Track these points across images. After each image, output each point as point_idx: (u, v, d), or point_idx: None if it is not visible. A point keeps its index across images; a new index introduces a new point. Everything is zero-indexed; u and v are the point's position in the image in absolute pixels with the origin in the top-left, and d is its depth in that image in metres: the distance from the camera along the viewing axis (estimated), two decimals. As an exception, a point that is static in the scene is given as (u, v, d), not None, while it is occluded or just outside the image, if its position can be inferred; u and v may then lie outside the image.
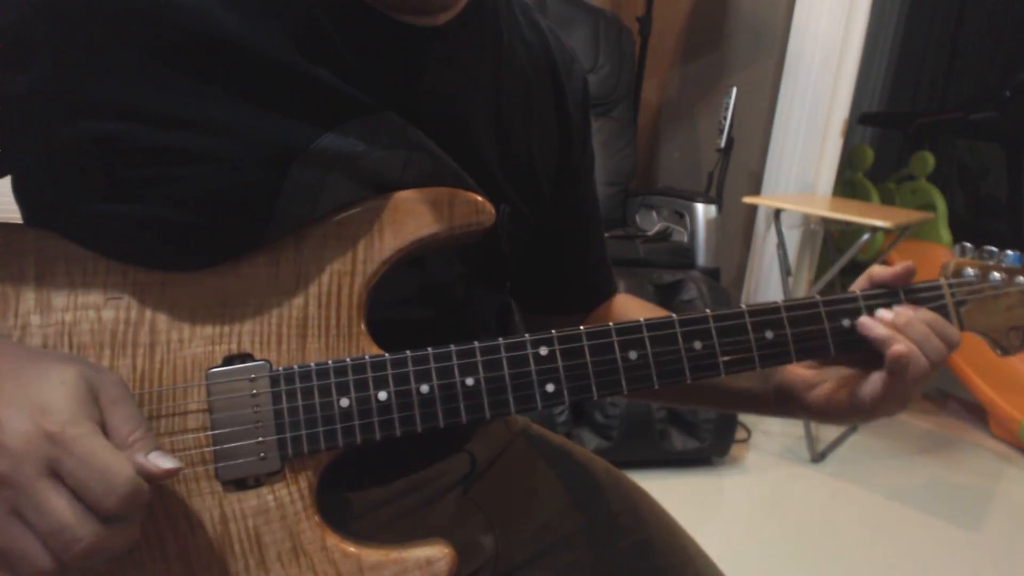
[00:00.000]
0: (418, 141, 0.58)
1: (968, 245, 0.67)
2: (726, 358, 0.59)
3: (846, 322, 0.62)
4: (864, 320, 0.61)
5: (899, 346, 0.58)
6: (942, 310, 0.64)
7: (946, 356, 0.61)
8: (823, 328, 0.61)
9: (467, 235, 0.58)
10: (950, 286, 0.64)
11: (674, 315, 0.59)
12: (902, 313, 0.61)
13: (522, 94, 0.69)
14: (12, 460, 0.42)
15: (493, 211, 0.59)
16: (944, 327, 0.61)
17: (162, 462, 0.45)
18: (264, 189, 0.54)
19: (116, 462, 0.43)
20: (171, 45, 0.50)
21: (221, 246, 0.55)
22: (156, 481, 0.46)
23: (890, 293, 0.63)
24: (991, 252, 0.65)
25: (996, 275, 0.65)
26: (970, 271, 0.65)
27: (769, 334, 0.60)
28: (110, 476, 0.42)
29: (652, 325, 0.58)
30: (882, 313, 0.61)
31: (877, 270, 0.64)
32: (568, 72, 0.74)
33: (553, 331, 0.57)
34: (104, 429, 0.45)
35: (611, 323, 0.58)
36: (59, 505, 0.42)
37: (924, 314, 0.62)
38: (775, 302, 0.61)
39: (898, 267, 0.63)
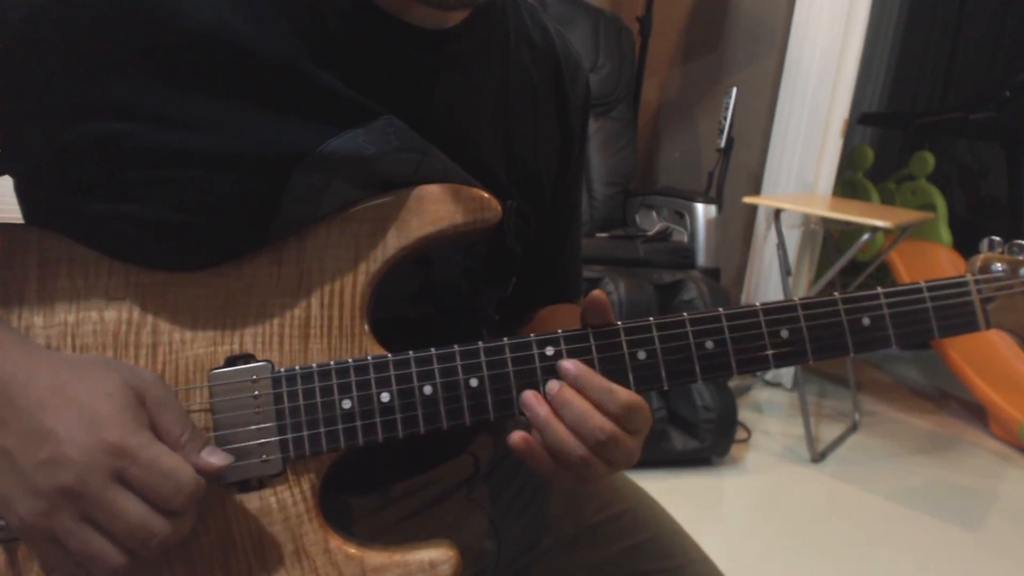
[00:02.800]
0: (427, 146, 0.58)
1: (996, 239, 0.63)
2: (739, 357, 0.57)
3: (866, 320, 0.59)
4: (527, 397, 0.55)
5: (516, 437, 0.54)
6: (968, 307, 0.60)
7: (611, 436, 0.53)
8: (841, 327, 0.58)
9: (473, 232, 0.58)
10: (976, 282, 0.61)
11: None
12: (562, 392, 0.54)
13: (528, 97, 0.69)
14: (79, 472, 0.44)
15: (499, 207, 0.58)
16: (609, 401, 0.54)
17: (214, 459, 0.49)
18: (267, 192, 0.53)
19: (179, 465, 0.46)
20: (177, 46, 0.50)
21: (223, 247, 0.54)
22: (211, 476, 0.49)
23: (913, 289, 0.60)
24: (1021, 246, 0.62)
25: None
26: (998, 266, 0.61)
27: (784, 333, 0.58)
28: (175, 478, 0.46)
29: (662, 324, 0.57)
30: (551, 385, 0.55)
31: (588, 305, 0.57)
32: (573, 77, 0.74)
33: (560, 331, 0.56)
34: (154, 430, 0.48)
35: (619, 323, 0.57)
36: (131, 507, 0.45)
37: (594, 388, 0.54)
38: (791, 299, 0.58)
39: (585, 305, 0.56)
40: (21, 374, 0.46)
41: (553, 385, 0.55)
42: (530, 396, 0.55)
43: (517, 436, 0.54)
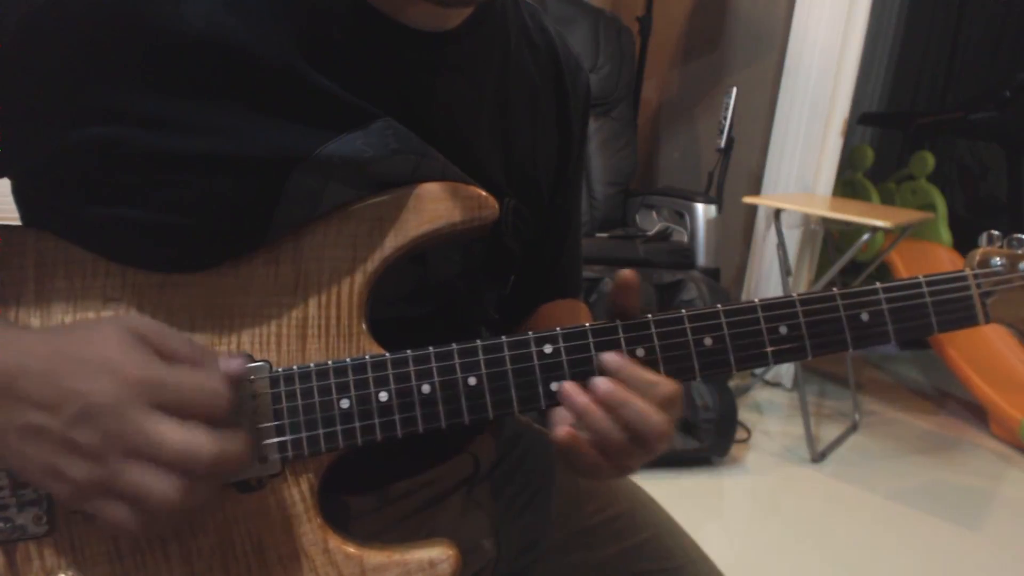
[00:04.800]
0: (425, 147, 0.58)
1: (995, 233, 0.62)
2: (737, 354, 0.57)
3: (864, 316, 0.58)
4: (565, 387, 0.55)
5: (562, 431, 0.54)
6: (967, 302, 0.60)
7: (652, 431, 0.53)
8: (840, 322, 0.58)
9: (471, 230, 0.58)
10: (975, 276, 0.60)
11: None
12: (616, 392, 0.54)
13: (528, 98, 0.69)
14: (114, 414, 0.44)
15: (496, 206, 0.58)
16: (653, 394, 0.54)
17: (233, 364, 0.49)
18: (264, 195, 0.53)
19: (205, 376, 0.46)
20: (174, 50, 0.50)
21: (220, 248, 0.54)
22: (237, 381, 0.49)
23: (912, 284, 0.60)
24: (1020, 240, 0.61)
25: None
26: (997, 260, 0.61)
27: (783, 329, 0.57)
28: (208, 387, 0.46)
29: (660, 321, 0.57)
30: (600, 383, 0.54)
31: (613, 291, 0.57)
32: (573, 79, 0.74)
33: (558, 328, 0.56)
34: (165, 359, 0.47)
35: (617, 320, 0.57)
36: (174, 430, 0.44)
37: (638, 380, 0.54)
38: (789, 295, 0.58)
39: (616, 287, 0.57)
40: (17, 355, 0.46)
41: (603, 383, 0.54)
42: (568, 386, 0.55)
43: (562, 430, 0.54)
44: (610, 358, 0.55)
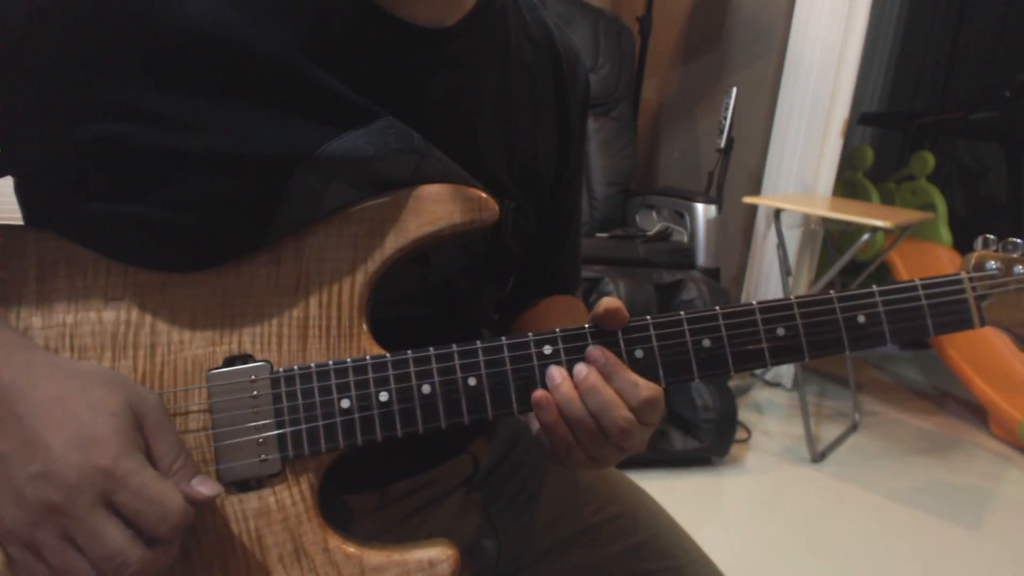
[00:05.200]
0: (426, 147, 0.58)
1: (991, 237, 0.63)
2: (735, 355, 0.58)
3: (861, 318, 0.59)
4: (551, 369, 0.56)
5: (537, 391, 0.55)
6: (962, 304, 0.61)
7: (625, 425, 0.55)
8: (837, 324, 0.59)
9: (471, 231, 0.58)
10: (971, 280, 0.61)
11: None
12: (589, 378, 0.55)
13: (529, 94, 0.69)
14: (67, 492, 0.44)
15: (496, 207, 0.59)
16: (632, 396, 0.55)
17: (204, 488, 0.49)
18: (267, 193, 0.53)
19: (167, 492, 0.46)
20: (177, 47, 0.50)
21: (221, 247, 0.54)
22: (200, 506, 0.48)
23: (908, 287, 0.60)
24: (1015, 244, 0.63)
25: (1021, 268, 0.62)
26: (992, 264, 0.62)
27: (780, 330, 0.58)
28: (163, 505, 0.45)
29: (660, 323, 0.57)
30: (579, 368, 0.56)
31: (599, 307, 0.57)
32: (572, 72, 0.74)
33: (557, 330, 0.57)
34: (148, 455, 0.47)
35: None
36: (113, 533, 0.44)
37: (620, 378, 0.56)
38: (787, 298, 0.59)
39: (600, 310, 0.57)
40: (22, 379, 0.46)
41: (581, 369, 0.56)
42: (555, 371, 0.56)
43: (538, 391, 0.55)
44: (592, 351, 0.56)
